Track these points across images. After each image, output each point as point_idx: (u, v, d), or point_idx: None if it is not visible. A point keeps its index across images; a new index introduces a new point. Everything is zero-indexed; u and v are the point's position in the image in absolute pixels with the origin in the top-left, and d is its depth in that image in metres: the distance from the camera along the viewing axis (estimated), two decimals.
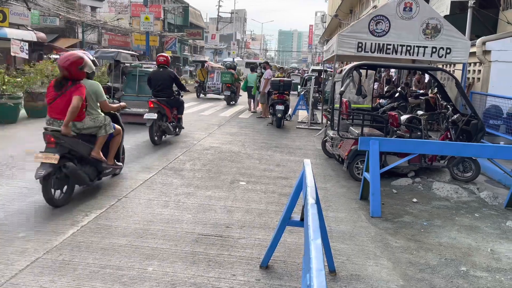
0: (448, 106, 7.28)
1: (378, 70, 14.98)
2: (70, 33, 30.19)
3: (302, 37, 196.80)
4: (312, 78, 14.56)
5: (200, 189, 5.55)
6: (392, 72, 16.96)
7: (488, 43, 9.70)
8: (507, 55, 9.49)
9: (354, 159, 6.43)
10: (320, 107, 14.30)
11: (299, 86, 22.09)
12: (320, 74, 18.84)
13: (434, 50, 8.49)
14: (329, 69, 16.80)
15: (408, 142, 5.48)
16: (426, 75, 12.84)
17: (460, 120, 6.72)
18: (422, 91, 12.44)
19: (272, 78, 12.54)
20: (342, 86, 7.09)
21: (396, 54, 8.57)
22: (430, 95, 11.06)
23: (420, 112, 7.81)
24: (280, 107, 11.47)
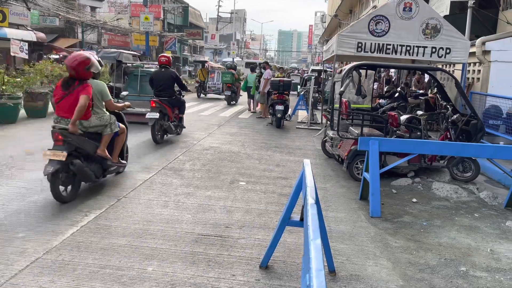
0: (447, 106, 7.28)
1: (378, 70, 14.99)
2: (70, 33, 30.19)
3: (301, 37, 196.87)
4: (311, 78, 14.56)
5: (199, 189, 5.55)
6: (391, 72, 16.97)
7: (487, 43, 9.71)
8: (507, 55, 9.49)
9: (353, 159, 6.43)
10: (319, 107, 14.30)
11: (299, 86, 22.08)
12: (319, 74, 18.82)
13: (433, 50, 8.50)
14: (328, 69, 16.79)
15: (407, 142, 5.48)
16: (426, 75, 12.85)
17: (459, 120, 6.72)
18: (421, 91, 12.45)
19: (271, 78, 12.54)
20: (341, 86, 7.10)
21: (395, 54, 8.58)
22: (430, 95, 11.06)
23: (419, 112, 7.82)
24: (279, 107, 11.47)
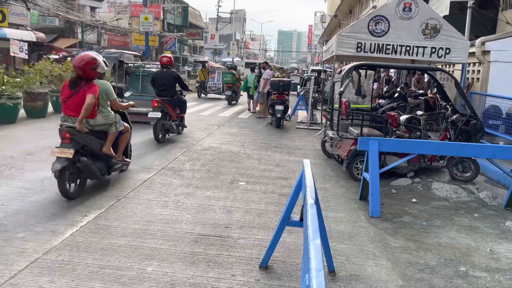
0: (447, 106, 7.28)
1: (378, 70, 15.00)
2: (70, 33, 30.20)
3: (301, 37, 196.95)
4: (311, 78, 14.57)
5: (199, 189, 5.55)
6: (391, 72, 16.96)
7: (487, 43, 9.71)
8: (507, 55, 9.50)
9: (353, 159, 6.43)
10: (319, 107, 14.31)
11: (299, 86, 22.09)
12: (319, 74, 18.82)
13: (433, 50, 8.50)
14: (328, 69, 16.79)
15: (407, 142, 5.48)
16: (426, 75, 12.86)
17: (459, 120, 6.73)
18: (421, 91, 12.44)
19: (271, 78, 12.55)
20: (341, 86, 7.10)
21: (395, 54, 8.59)
22: (430, 95, 11.06)
23: (419, 112, 7.82)
24: (279, 107, 11.47)
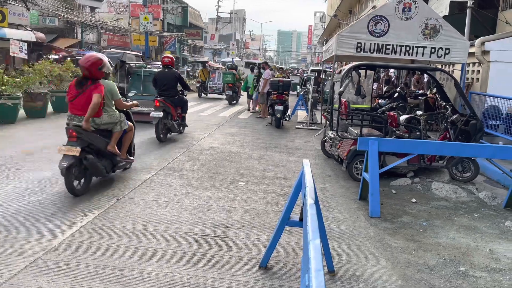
0: (447, 106, 7.28)
1: (377, 70, 15.00)
2: (69, 33, 30.19)
3: (301, 37, 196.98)
4: (311, 78, 14.57)
5: (199, 189, 5.55)
6: (391, 72, 16.96)
7: (487, 43, 9.71)
8: (506, 55, 9.50)
9: (353, 159, 6.43)
10: (319, 107, 14.30)
11: (298, 86, 22.10)
12: (319, 74, 18.80)
13: (433, 50, 8.50)
14: (328, 69, 16.79)
15: (407, 142, 5.48)
16: (425, 75, 12.86)
17: (459, 120, 6.73)
18: (421, 91, 12.44)
19: (271, 78, 12.55)
20: (341, 86, 7.10)
21: (395, 54, 8.58)
22: (429, 95, 11.06)
23: (419, 112, 7.82)
24: (279, 107, 11.47)
